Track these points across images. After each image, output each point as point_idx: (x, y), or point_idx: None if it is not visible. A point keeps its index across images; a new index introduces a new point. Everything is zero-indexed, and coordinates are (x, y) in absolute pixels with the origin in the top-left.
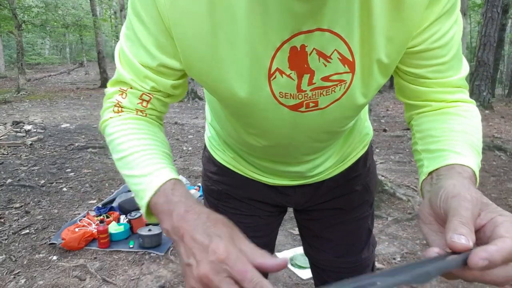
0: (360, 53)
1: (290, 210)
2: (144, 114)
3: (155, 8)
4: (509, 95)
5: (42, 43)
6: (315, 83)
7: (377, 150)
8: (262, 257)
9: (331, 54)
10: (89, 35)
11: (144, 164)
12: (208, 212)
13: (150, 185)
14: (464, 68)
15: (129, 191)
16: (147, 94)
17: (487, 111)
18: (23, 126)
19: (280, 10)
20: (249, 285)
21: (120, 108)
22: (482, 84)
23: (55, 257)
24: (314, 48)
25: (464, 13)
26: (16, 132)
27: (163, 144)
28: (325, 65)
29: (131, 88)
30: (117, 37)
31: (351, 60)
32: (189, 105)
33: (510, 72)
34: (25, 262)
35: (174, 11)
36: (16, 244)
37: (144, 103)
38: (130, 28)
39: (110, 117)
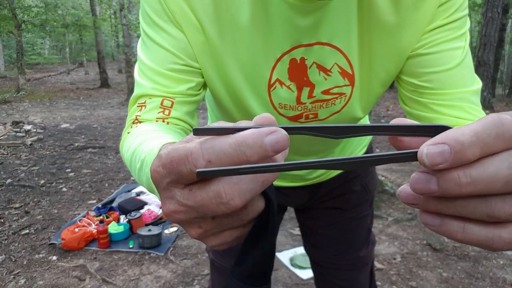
0: (359, 66)
1: (291, 210)
2: (166, 123)
3: (168, 13)
4: (509, 95)
5: (41, 43)
6: (315, 96)
7: (377, 150)
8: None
9: (331, 67)
10: (89, 35)
11: (147, 148)
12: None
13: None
14: (476, 83)
15: (129, 191)
16: (169, 98)
17: (487, 111)
18: (23, 126)
19: (281, 22)
20: (182, 168)
21: (138, 123)
22: (482, 84)
23: (55, 257)
24: (314, 62)
25: None
26: (16, 132)
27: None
28: (326, 79)
29: (150, 98)
30: (117, 37)
31: (350, 73)
32: None
33: (510, 72)
34: (24, 262)
35: (183, 16)
36: (16, 244)
37: (166, 111)
38: (147, 41)
39: (128, 133)
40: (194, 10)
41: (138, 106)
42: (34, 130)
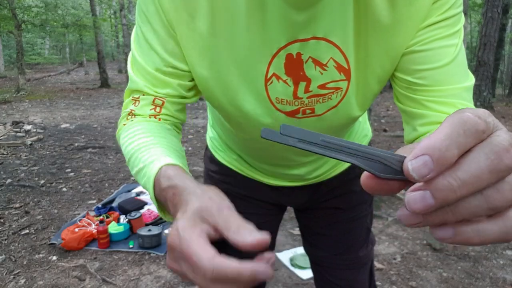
0: (355, 61)
1: (291, 210)
2: (158, 119)
3: (161, 12)
4: (509, 95)
5: (41, 43)
6: (311, 91)
7: None
8: (236, 233)
9: (327, 62)
10: (89, 35)
11: (146, 157)
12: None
13: (150, 177)
14: (468, 80)
15: (129, 191)
16: (160, 98)
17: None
18: (23, 126)
19: (277, 18)
20: (199, 272)
21: (133, 116)
22: (483, 84)
23: (55, 257)
24: (310, 57)
25: (464, 13)
26: (16, 132)
27: (170, 141)
28: (322, 73)
29: (143, 94)
30: (117, 37)
31: (346, 67)
32: (188, 105)
33: (510, 72)
34: (25, 262)
35: (177, 14)
36: (16, 244)
37: (158, 109)
38: (139, 35)
39: (123, 124)
40: (190, 9)
41: (132, 100)
42: (34, 130)
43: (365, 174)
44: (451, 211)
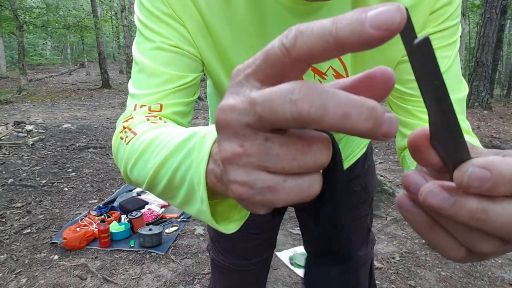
0: (352, 70)
1: (291, 210)
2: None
3: (168, 8)
4: (507, 96)
5: (43, 44)
6: None
7: (376, 150)
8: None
9: (327, 70)
10: (90, 36)
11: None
12: None
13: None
14: (461, 91)
15: (130, 190)
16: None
17: (485, 112)
18: (25, 126)
19: (278, 26)
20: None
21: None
22: (481, 85)
23: (56, 257)
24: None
25: (463, 14)
26: (18, 132)
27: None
28: (321, 82)
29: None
30: (118, 38)
31: (345, 76)
32: None
33: (508, 72)
34: (26, 262)
35: (183, 12)
36: (18, 244)
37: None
38: (143, 39)
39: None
40: (196, 4)
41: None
42: (36, 130)
43: (421, 129)
44: (444, 220)
